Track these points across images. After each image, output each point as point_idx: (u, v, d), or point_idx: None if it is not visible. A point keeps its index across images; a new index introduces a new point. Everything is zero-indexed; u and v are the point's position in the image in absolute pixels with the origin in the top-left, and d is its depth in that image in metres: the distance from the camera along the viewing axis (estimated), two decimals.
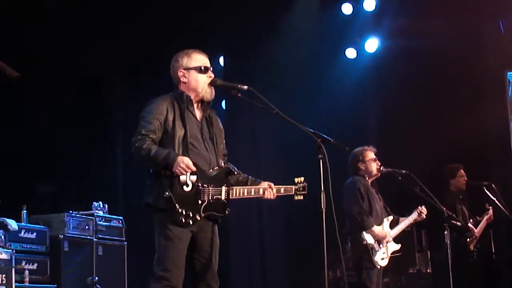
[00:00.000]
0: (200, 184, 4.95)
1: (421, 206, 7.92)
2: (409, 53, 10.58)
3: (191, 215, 4.90)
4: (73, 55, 9.25)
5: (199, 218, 4.94)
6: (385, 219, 7.72)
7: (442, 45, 10.38)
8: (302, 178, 5.41)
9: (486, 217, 9.18)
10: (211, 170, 5.07)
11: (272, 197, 5.28)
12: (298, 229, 10.50)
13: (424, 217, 7.92)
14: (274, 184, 5.32)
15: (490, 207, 9.18)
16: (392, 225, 7.79)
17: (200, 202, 4.95)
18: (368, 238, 7.45)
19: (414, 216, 7.90)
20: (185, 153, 4.97)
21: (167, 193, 4.83)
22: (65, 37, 9.19)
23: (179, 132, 5.03)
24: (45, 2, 9.11)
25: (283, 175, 5.55)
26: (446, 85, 10.45)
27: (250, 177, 5.34)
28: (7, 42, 8.12)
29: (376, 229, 7.50)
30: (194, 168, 4.89)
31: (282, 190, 5.34)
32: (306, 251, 9.95)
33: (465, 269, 8.76)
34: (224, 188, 5.06)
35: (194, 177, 4.92)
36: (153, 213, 5.02)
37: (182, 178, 4.88)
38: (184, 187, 4.90)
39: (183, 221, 4.87)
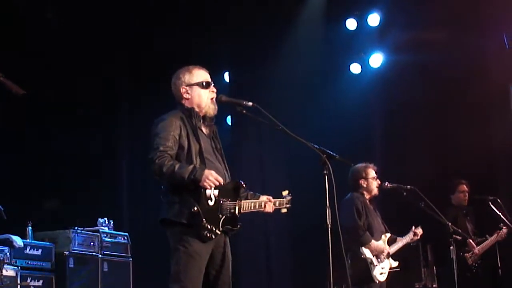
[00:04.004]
0: (221, 199, 4.96)
1: (416, 226, 7.93)
2: (414, 68, 10.59)
3: (213, 229, 4.88)
4: (78, 71, 9.28)
5: (219, 233, 4.93)
6: (383, 236, 7.71)
7: (447, 60, 10.39)
8: (287, 191, 5.47)
9: (495, 236, 9.13)
10: (227, 184, 5.09)
11: (270, 211, 5.33)
12: (303, 244, 10.48)
13: (419, 237, 7.94)
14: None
15: (504, 227, 9.13)
16: (389, 243, 7.78)
17: (220, 216, 4.94)
18: (367, 252, 7.46)
19: (410, 236, 7.92)
20: (203, 167, 4.96)
21: (196, 208, 4.81)
22: (70, 54, 9.23)
23: (195, 147, 5.04)
24: (50, 21, 9.14)
25: (288, 191, 5.53)
26: (451, 99, 10.45)
27: (249, 191, 5.33)
28: (13, 60, 8.15)
29: (374, 243, 7.50)
30: (222, 181, 4.91)
31: (277, 204, 5.39)
32: (311, 266, 9.92)
33: (471, 284, 8.73)
34: (237, 202, 5.07)
35: (216, 191, 4.92)
36: (169, 229, 4.97)
37: (208, 192, 4.87)
38: (209, 201, 4.89)
39: (207, 235, 4.85)
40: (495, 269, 9.49)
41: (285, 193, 5.45)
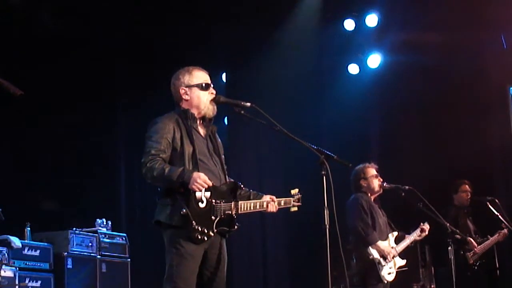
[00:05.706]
0: (213, 200, 4.95)
1: (423, 222, 7.92)
2: (412, 69, 10.60)
3: (205, 231, 4.88)
4: (77, 71, 9.28)
5: (212, 234, 4.93)
6: (390, 235, 7.72)
7: (444, 61, 10.40)
8: (297, 190, 5.44)
9: (496, 236, 9.11)
10: (221, 185, 5.09)
11: (274, 210, 5.30)
12: (301, 244, 10.49)
13: (427, 233, 7.92)
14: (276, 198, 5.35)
15: (505, 228, 9.12)
16: (397, 240, 7.79)
17: (213, 218, 4.93)
18: (374, 253, 7.44)
19: (417, 232, 7.90)
20: (195, 169, 4.96)
21: (184, 210, 4.81)
22: (68, 54, 9.23)
23: (188, 149, 5.03)
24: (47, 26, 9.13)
25: (285, 191, 5.53)
26: (448, 100, 10.45)
27: (251, 191, 5.35)
28: (11, 60, 8.15)
29: (381, 244, 7.49)
30: (210, 183, 4.89)
31: (282, 203, 5.37)
32: (309, 267, 9.93)
33: (469, 284, 8.73)
34: (233, 203, 5.05)
35: (208, 193, 4.91)
36: (163, 231, 4.99)
37: (198, 194, 4.86)
38: (200, 203, 4.88)
39: (199, 237, 4.86)
40: (493, 270, 9.50)
41: (294, 191, 5.43)
